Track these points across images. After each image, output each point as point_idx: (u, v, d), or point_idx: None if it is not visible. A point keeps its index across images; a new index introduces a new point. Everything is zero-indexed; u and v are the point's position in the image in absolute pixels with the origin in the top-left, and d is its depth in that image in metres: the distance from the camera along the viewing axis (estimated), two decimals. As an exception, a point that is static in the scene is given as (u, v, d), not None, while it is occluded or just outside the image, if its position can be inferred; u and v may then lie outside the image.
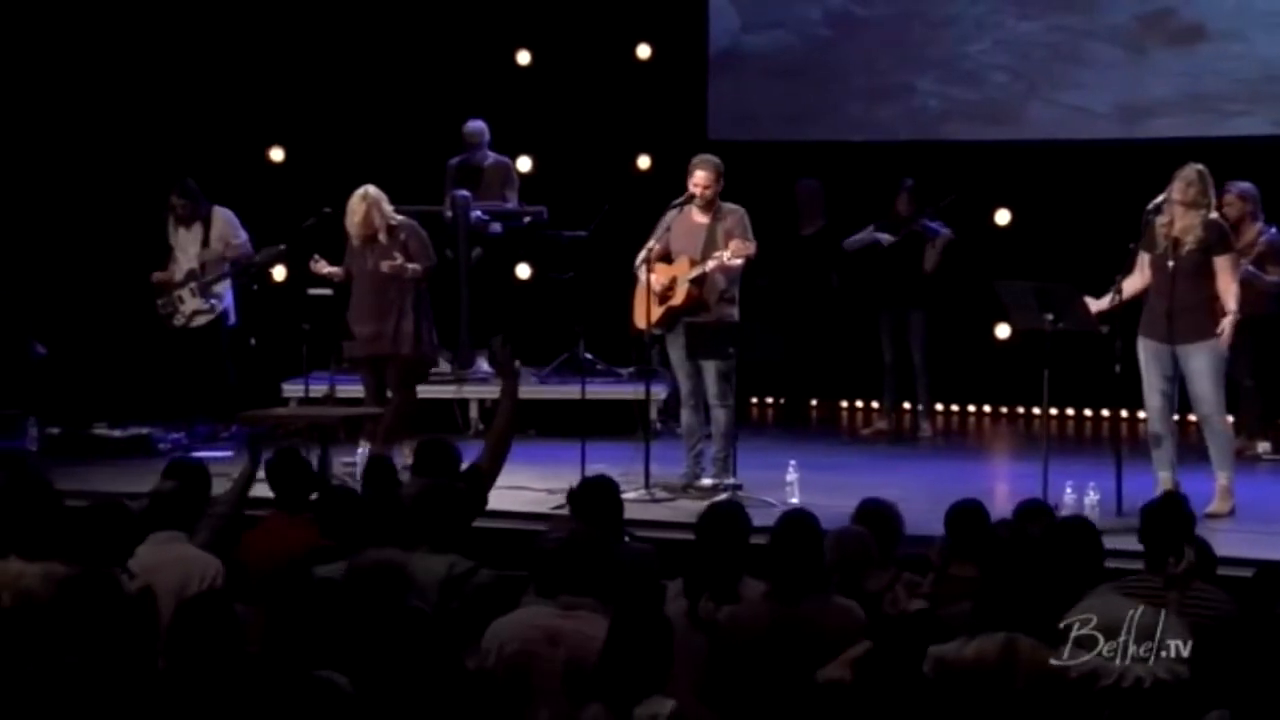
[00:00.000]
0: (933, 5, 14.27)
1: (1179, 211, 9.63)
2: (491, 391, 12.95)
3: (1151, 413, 9.84)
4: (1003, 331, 13.90)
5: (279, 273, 12.69)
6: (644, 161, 14.66)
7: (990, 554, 6.83)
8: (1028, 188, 13.85)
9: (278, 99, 14.50)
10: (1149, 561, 6.84)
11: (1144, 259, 9.80)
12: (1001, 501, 9.25)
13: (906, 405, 13.56)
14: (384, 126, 14.27)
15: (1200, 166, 9.66)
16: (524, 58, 14.77)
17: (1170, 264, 9.66)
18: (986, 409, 14.37)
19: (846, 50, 14.42)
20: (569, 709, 6.00)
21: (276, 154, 14.64)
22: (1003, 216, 13.91)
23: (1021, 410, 14.14)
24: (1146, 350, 9.78)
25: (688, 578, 7.05)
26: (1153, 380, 9.78)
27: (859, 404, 14.61)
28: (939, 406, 13.86)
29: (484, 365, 13.27)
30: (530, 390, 12.87)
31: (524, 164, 14.14)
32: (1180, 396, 9.89)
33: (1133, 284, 9.80)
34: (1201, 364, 9.68)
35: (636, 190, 13.89)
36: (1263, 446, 11.89)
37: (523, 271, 13.88)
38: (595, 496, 7.85)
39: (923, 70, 14.25)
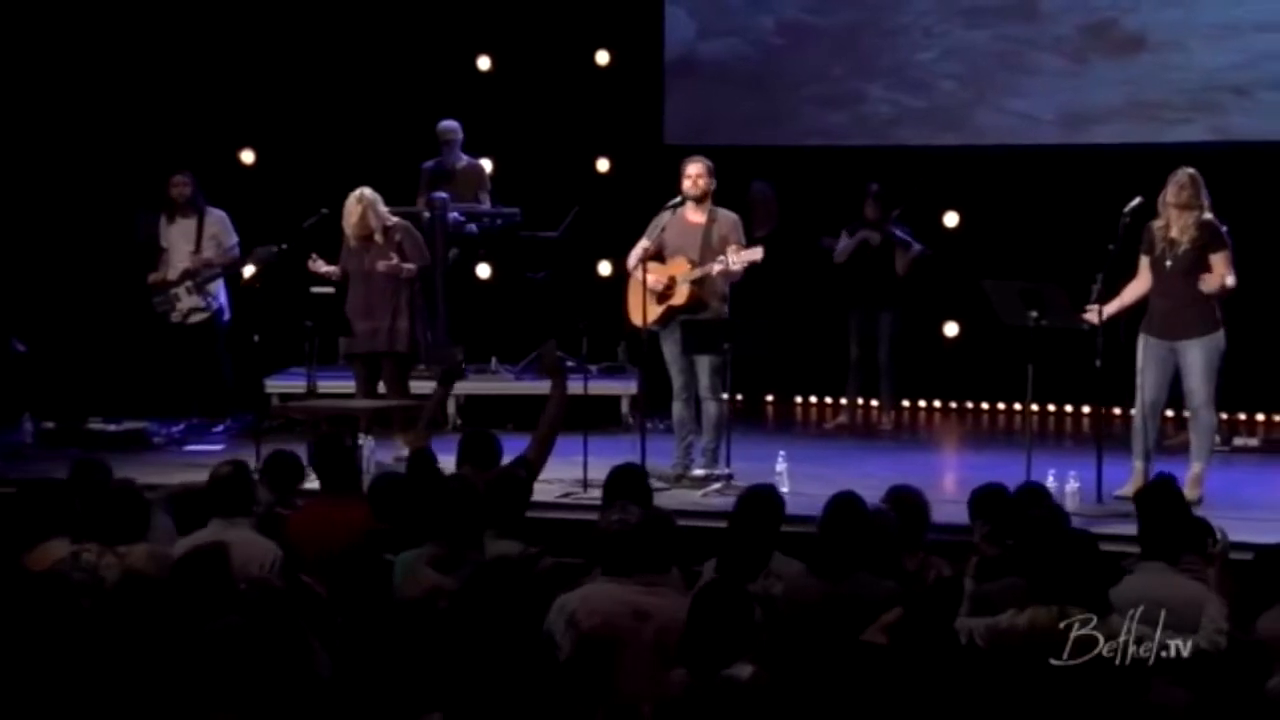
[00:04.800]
0: (883, 14, 14.63)
1: (1173, 214, 10.09)
2: (469, 388, 13.36)
3: (1144, 405, 10.25)
4: (951, 330, 14.45)
5: (248, 270, 12.95)
6: (602, 164, 15.02)
7: (1021, 532, 7.30)
8: (975, 191, 14.28)
9: (249, 101, 14.72)
10: (1145, 545, 7.27)
11: (1144, 262, 10.25)
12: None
13: (861, 401, 13.96)
14: (352, 130, 14.51)
15: (1192, 170, 10.12)
16: (484, 63, 15.08)
17: (1168, 264, 10.12)
18: (937, 404, 14.83)
19: (799, 58, 14.77)
20: (660, 680, 6.30)
21: (248, 156, 14.89)
22: (951, 219, 14.37)
23: (970, 405, 14.67)
24: (1146, 346, 10.24)
25: (722, 557, 7.46)
26: (1149, 374, 10.23)
27: (813, 400, 15.01)
28: (889, 403, 14.30)
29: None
30: (507, 386, 13.30)
31: (485, 166, 14.35)
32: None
33: (1136, 288, 10.26)
34: (1197, 359, 10.13)
35: (596, 192, 14.30)
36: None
37: (483, 271, 14.20)
38: (627, 483, 8.23)
39: (873, 77, 14.62)
